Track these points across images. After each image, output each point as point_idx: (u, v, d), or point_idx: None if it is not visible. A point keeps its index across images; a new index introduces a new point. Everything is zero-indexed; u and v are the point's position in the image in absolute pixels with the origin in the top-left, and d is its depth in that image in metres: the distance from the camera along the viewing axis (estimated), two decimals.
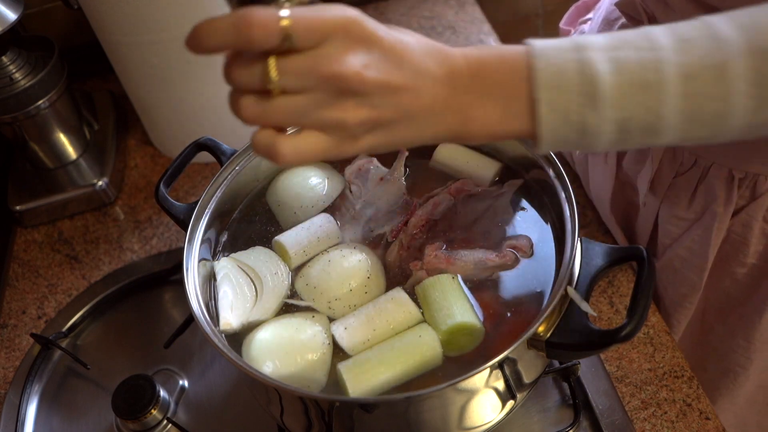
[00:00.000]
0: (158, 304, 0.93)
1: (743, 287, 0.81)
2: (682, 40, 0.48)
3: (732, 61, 0.47)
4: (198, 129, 0.96)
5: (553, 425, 0.74)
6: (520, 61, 0.49)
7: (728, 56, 0.47)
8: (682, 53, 0.47)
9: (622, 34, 0.50)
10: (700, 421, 0.74)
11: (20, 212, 1.05)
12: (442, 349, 0.63)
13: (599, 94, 0.47)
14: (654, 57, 0.48)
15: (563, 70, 0.48)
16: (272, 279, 0.71)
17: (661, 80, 0.47)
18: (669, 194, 0.79)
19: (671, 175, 0.77)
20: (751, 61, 0.47)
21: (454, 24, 1.26)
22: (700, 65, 0.47)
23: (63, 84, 1.03)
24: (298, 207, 0.77)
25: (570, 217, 0.66)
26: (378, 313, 0.66)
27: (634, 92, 0.47)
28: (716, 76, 0.47)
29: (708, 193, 0.75)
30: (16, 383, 0.86)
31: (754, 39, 0.47)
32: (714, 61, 0.47)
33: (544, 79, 0.48)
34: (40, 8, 1.17)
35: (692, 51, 0.47)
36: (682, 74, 0.47)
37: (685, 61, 0.47)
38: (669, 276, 0.85)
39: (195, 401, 0.82)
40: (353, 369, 0.62)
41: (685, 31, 0.48)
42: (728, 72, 0.47)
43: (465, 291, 0.67)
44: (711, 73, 0.47)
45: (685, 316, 0.86)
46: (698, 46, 0.47)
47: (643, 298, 0.57)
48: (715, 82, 0.47)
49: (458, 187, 0.75)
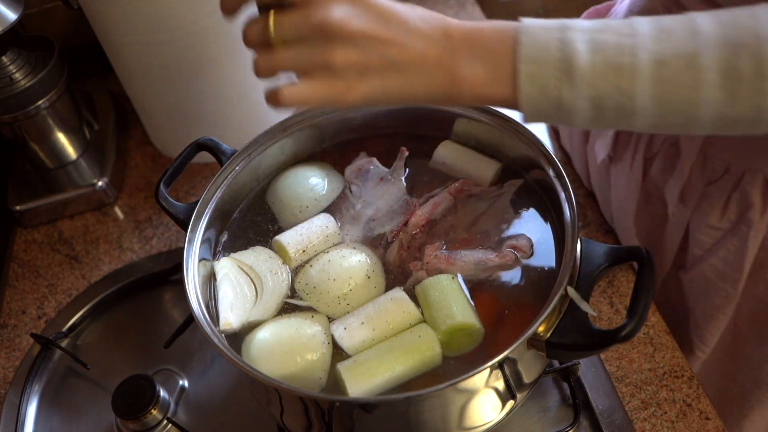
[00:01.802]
0: (158, 304, 0.93)
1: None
2: (661, 30, 0.51)
3: (704, 52, 0.49)
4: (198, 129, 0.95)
5: (553, 425, 0.74)
6: (511, 34, 0.53)
7: (701, 47, 0.49)
8: (659, 42, 0.50)
9: (607, 21, 0.53)
10: (700, 421, 0.74)
11: (20, 212, 1.05)
12: (441, 350, 0.63)
13: (575, 71, 0.50)
14: (631, 43, 0.50)
15: (545, 46, 0.51)
16: (272, 279, 0.71)
17: (634, 64, 0.50)
18: (700, 204, 0.77)
19: (702, 184, 0.76)
20: (723, 52, 0.49)
21: None
22: (673, 53, 0.50)
23: (63, 84, 1.03)
24: (298, 207, 0.77)
25: (570, 217, 0.66)
26: (377, 313, 0.66)
27: (608, 73, 0.50)
28: (687, 64, 0.49)
29: (742, 201, 0.73)
30: (16, 383, 0.86)
31: (729, 33, 0.49)
32: (687, 51, 0.49)
33: (526, 53, 0.52)
34: (40, 8, 1.17)
35: (668, 40, 0.50)
36: (655, 60, 0.50)
37: (660, 49, 0.50)
38: (701, 287, 0.83)
39: (195, 401, 0.82)
40: (353, 369, 0.62)
41: (667, 23, 0.51)
42: (699, 61, 0.49)
43: (465, 291, 0.67)
44: (682, 62, 0.49)
45: (718, 328, 0.84)
46: (675, 37, 0.50)
47: (643, 298, 0.57)
48: (686, 69, 0.49)
49: (458, 187, 0.75)
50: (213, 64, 0.96)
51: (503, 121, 0.75)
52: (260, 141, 0.78)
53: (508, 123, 0.74)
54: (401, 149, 0.80)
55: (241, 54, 0.97)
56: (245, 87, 1.01)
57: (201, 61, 0.95)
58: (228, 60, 0.96)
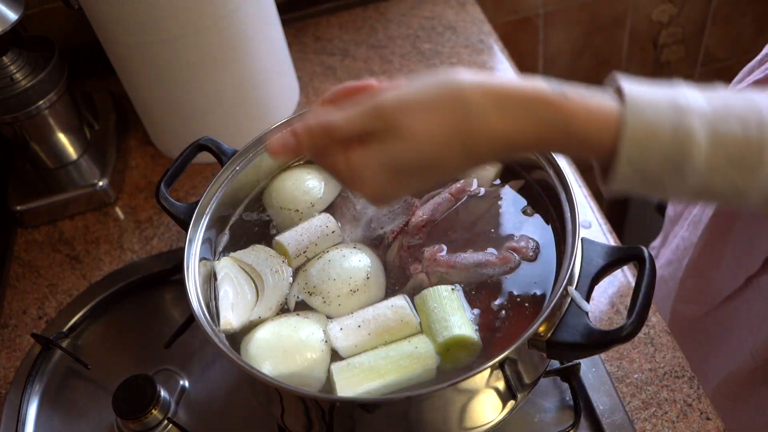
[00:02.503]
0: (159, 304, 0.93)
1: None
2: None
3: None
4: (198, 129, 0.96)
5: (554, 425, 0.74)
6: (614, 112, 0.46)
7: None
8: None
9: (728, 100, 0.46)
10: (700, 421, 0.74)
11: (21, 212, 1.05)
12: (437, 364, 0.63)
13: (687, 164, 0.45)
14: (759, 137, 0.44)
15: (656, 132, 0.45)
16: (273, 278, 0.71)
17: (761, 161, 0.44)
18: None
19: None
20: None
21: (455, 24, 1.26)
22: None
23: (63, 84, 1.03)
24: (298, 207, 0.77)
25: (570, 217, 0.66)
26: (375, 319, 0.66)
27: (727, 170, 0.45)
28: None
29: None
30: (17, 383, 0.86)
31: None
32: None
33: (633, 137, 0.45)
34: (40, 8, 1.17)
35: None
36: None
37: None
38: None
39: (195, 401, 0.82)
40: (345, 371, 0.62)
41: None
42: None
43: (464, 304, 0.67)
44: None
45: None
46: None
47: (644, 298, 0.57)
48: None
49: (459, 187, 0.75)
50: (213, 64, 0.96)
51: None
52: (261, 141, 0.78)
53: None
54: None
55: (242, 54, 0.98)
56: (245, 87, 1.01)
57: (201, 61, 0.95)
58: (228, 60, 0.96)
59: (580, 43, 1.61)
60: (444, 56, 1.21)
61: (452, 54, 1.21)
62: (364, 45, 1.26)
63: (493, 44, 1.22)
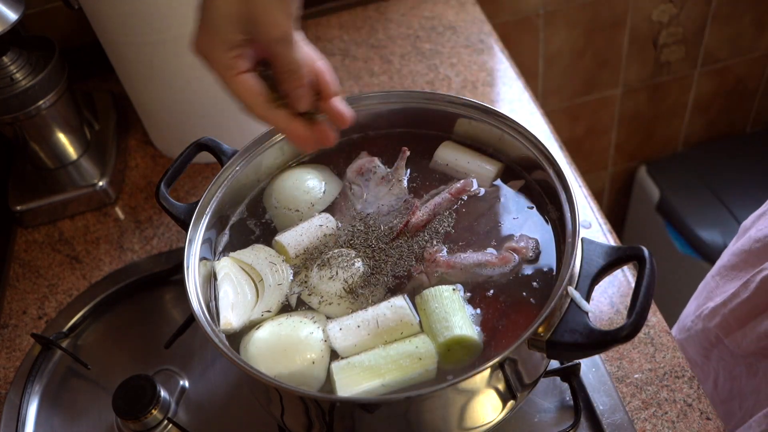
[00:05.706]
0: (159, 304, 0.93)
1: None
2: None
3: None
4: (198, 129, 0.96)
5: (554, 425, 0.74)
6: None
7: None
8: None
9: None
10: (700, 422, 0.74)
11: (21, 212, 1.05)
12: (437, 364, 0.63)
13: None
14: None
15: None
16: (273, 278, 0.71)
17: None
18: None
19: None
20: None
21: (455, 24, 1.26)
22: None
23: (63, 84, 1.03)
24: (298, 207, 0.77)
25: (571, 217, 0.66)
26: (375, 318, 0.66)
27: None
28: None
29: None
30: (17, 383, 0.86)
31: None
32: None
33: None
34: (40, 8, 1.17)
35: None
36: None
37: None
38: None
39: (195, 401, 0.82)
40: (346, 370, 0.62)
41: None
42: None
43: (465, 305, 0.67)
44: None
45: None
46: None
47: (643, 298, 0.57)
48: None
49: (459, 187, 0.75)
50: None
51: (504, 121, 0.75)
52: (261, 141, 0.78)
53: (509, 123, 0.74)
54: (402, 149, 0.80)
55: None
56: None
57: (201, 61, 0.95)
58: None
59: (580, 43, 1.61)
60: (444, 56, 1.21)
61: (452, 54, 1.21)
62: (364, 45, 1.26)
63: (493, 44, 1.22)
